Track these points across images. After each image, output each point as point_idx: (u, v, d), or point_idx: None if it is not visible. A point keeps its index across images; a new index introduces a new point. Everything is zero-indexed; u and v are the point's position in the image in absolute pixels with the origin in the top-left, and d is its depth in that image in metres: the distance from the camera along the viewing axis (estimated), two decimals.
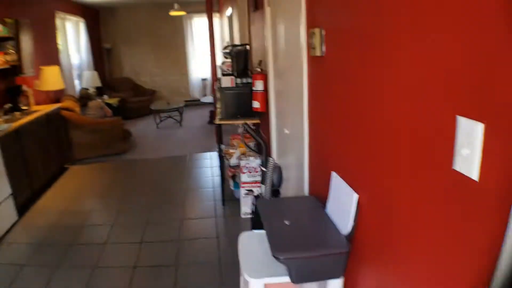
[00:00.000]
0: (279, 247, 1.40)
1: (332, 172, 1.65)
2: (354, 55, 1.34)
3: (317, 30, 1.63)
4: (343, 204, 1.49)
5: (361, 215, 1.40)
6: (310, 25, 1.78)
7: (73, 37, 8.05)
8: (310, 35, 1.72)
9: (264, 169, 2.13)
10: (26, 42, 5.22)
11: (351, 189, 1.44)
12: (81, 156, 5.98)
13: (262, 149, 2.20)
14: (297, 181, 2.51)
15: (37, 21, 6.15)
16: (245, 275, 1.55)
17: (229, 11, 6.60)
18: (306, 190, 2.20)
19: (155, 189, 4.63)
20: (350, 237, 1.46)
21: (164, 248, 3.27)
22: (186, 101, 9.75)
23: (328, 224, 1.56)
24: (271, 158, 2.08)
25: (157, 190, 4.60)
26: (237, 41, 5.70)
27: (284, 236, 1.49)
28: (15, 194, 3.99)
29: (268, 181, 2.05)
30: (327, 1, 1.58)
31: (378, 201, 1.26)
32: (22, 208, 4.18)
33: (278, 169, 2.05)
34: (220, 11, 9.05)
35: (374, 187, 1.29)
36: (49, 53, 6.65)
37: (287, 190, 2.77)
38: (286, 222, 1.54)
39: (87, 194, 4.72)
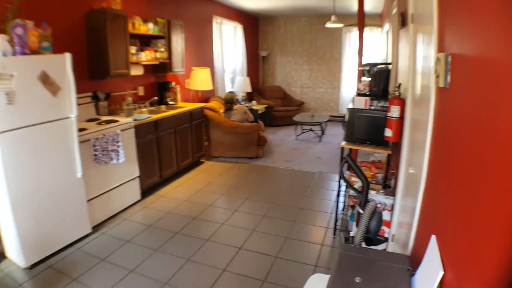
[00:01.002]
0: None
1: (432, 235, 1.35)
2: (487, 94, 1.04)
3: (442, 55, 1.35)
4: (427, 277, 1.20)
5: None
6: (439, 47, 1.50)
7: (229, 42, 8.70)
8: (436, 61, 1.44)
9: (361, 210, 1.88)
10: (177, 42, 5.83)
11: (440, 262, 1.14)
12: (216, 154, 6.47)
13: (363, 187, 1.95)
14: (407, 231, 2.18)
15: (193, 23, 6.86)
16: None
17: (387, 26, 6.24)
18: (410, 245, 1.87)
19: (274, 199, 4.66)
20: None
21: (260, 260, 3.26)
22: (332, 116, 9.67)
23: None
24: (372, 201, 1.82)
25: (275, 200, 4.63)
26: (390, 59, 5.35)
27: None
28: (142, 177, 4.56)
29: (363, 225, 1.80)
30: (458, 14, 1.28)
31: None
32: (148, 190, 4.77)
33: (378, 215, 1.78)
34: (382, 25, 8.64)
35: (468, 270, 0.99)
36: (202, 54, 7.35)
37: (400, 236, 2.45)
38: (357, 280, 1.31)
39: (211, 190, 5.03)
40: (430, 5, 1.79)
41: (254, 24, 10.38)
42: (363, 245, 1.86)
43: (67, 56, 3.29)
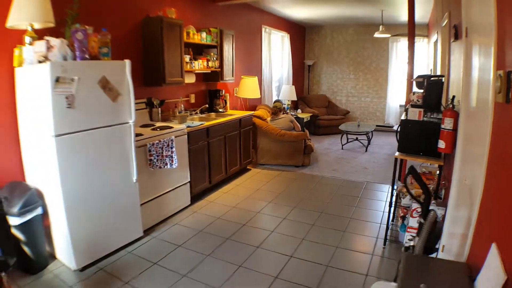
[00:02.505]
0: None
1: (492, 243, 1.43)
2: None
3: (503, 73, 1.44)
4: (489, 282, 1.29)
5: None
6: (500, 64, 1.58)
7: (276, 51, 8.92)
8: (496, 77, 1.53)
9: (422, 220, 1.97)
10: (228, 51, 6.10)
11: (502, 268, 1.23)
12: (263, 161, 6.66)
13: (425, 198, 2.03)
14: (462, 239, 2.24)
15: (243, 32, 7.14)
16: None
17: (434, 37, 6.22)
18: (465, 253, 1.94)
19: (321, 208, 4.75)
20: None
21: (310, 268, 3.33)
22: (378, 126, 9.65)
23: None
24: (432, 211, 1.91)
25: (324, 210, 4.71)
26: (438, 70, 5.35)
27: None
28: (192, 182, 4.77)
29: (423, 235, 1.89)
30: None
31: None
32: (197, 196, 4.99)
33: (438, 225, 1.87)
34: (429, 35, 8.60)
35: None
36: (251, 63, 7.62)
37: (450, 246, 2.50)
38: (422, 286, 1.41)
39: (259, 197, 5.19)
40: (487, 18, 1.87)
41: (300, 34, 10.57)
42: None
43: (127, 63, 3.45)
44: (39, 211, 3.11)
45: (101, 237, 3.39)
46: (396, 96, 10.04)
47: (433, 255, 2.91)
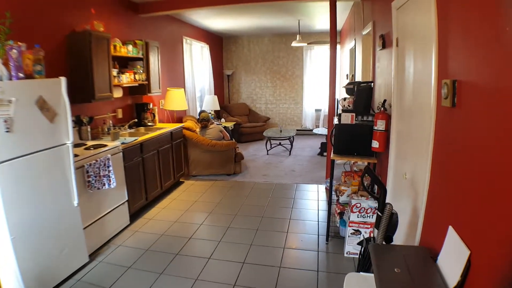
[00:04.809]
0: None
1: (449, 226, 1.69)
2: (492, 110, 1.39)
3: (449, 81, 1.72)
4: (453, 258, 1.56)
5: (472, 272, 1.45)
6: (442, 74, 1.87)
7: (197, 62, 9.01)
8: (442, 86, 1.81)
9: (380, 214, 2.22)
10: (155, 63, 6.05)
11: (464, 245, 1.50)
12: (195, 172, 6.68)
13: (380, 193, 2.29)
14: (409, 228, 2.54)
15: (166, 44, 7.13)
16: None
17: (352, 43, 6.78)
18: (417, 239, 2.23)
19: (261, 213, 4.92)
20: None
21: (265, 272, 3.46)
22: (297, 130, 10.17)
23: (436, 276, 1.61)
24: (389, 204, 2.17)
25: (264, 214, 4.89)
26: (358, 75, 5.84)
27: (392, 283, 1.58)
28: (130, 201, 4.63)
29: (383, 226, 2.14)
30: (464, 53, 1.66)
31: (492, 264, 1.30)
32: (135, 214, 4.84)
33: (394, 216, 2.13)
34: (342, 42, 9.33)
35: (491, 248, 1.33)
36: (175, 75, 7.62)
37: (396, 235, 2.80)
38: (396, 270, 1.63)
39: (198, 209, 5.21)
40: (424, 32, 2.19)
41: (218, 44, 10.78)
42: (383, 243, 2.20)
43: (63, 80, 3.27)
44: None
45: (49, 267, 3.17)
46: (312, 101, 10.74)
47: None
